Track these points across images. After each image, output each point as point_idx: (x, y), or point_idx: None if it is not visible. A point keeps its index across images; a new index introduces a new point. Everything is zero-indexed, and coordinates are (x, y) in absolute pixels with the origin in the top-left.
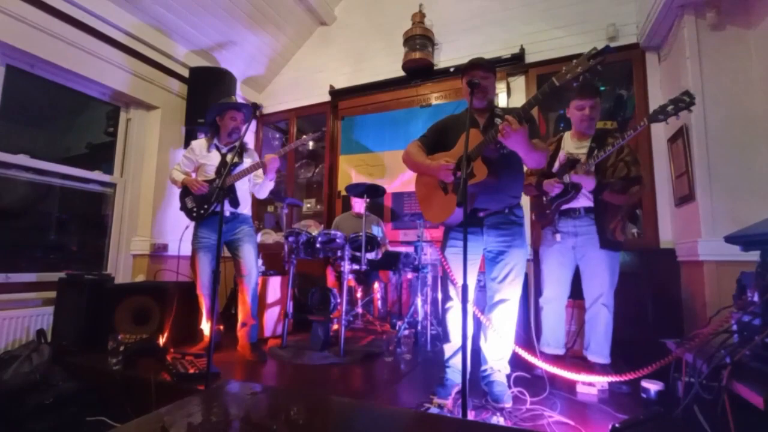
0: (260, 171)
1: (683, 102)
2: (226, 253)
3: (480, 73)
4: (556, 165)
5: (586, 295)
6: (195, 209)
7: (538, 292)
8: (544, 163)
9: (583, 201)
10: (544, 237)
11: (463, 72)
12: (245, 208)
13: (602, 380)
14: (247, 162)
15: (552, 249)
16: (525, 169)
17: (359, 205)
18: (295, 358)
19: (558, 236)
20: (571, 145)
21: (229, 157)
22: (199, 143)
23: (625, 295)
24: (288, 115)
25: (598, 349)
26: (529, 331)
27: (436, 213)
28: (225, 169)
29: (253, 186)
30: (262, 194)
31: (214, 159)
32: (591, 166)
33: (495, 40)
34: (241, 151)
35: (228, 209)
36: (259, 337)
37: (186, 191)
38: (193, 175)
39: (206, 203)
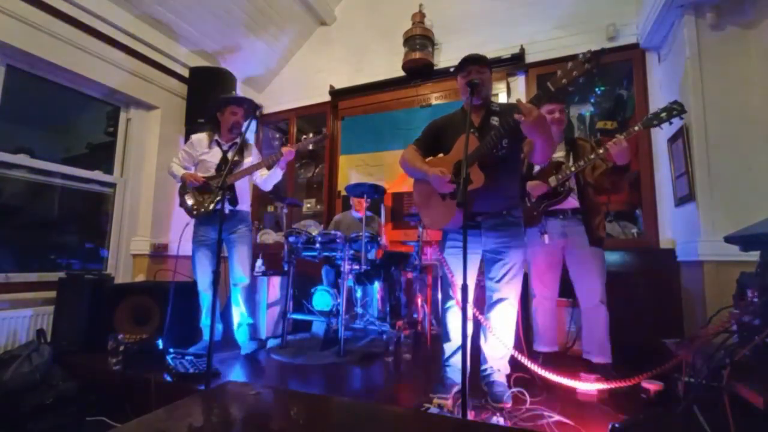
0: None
1: (675, 110)
2: (225, 252)
3: (475, 68)
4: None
5: (580, 295)
6: (195, 207)
7: (530, 293)
8: (551, 155)
9: (570, 202)
10: (530, 237)
11: (458, 69)
12: (244, 205)
13: (604, 386)
14: (248, 160)
15: (540, 249)
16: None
17: (359, 207)
18: (295, 358)
19: (546, 237)
20: None
21: (230, 155)
22: (199, 138)
23: (626, 295)
24: (288, 115)
25: (602, 351)
26: (524, 332)
27: (436, 219)
28: (225, 166)
29: (258, 178)
30: (269, 186)
31: (215, 155)
32: (631, 134)
33: (495, 40)
34: (242, 148)
35: (227, 207)
36: (258, 337)
37: (185, 188)
38: (192, 169)
39: (206, 201)
